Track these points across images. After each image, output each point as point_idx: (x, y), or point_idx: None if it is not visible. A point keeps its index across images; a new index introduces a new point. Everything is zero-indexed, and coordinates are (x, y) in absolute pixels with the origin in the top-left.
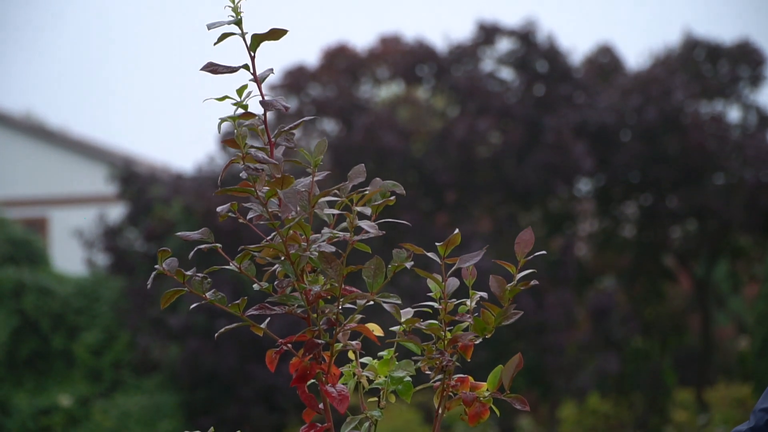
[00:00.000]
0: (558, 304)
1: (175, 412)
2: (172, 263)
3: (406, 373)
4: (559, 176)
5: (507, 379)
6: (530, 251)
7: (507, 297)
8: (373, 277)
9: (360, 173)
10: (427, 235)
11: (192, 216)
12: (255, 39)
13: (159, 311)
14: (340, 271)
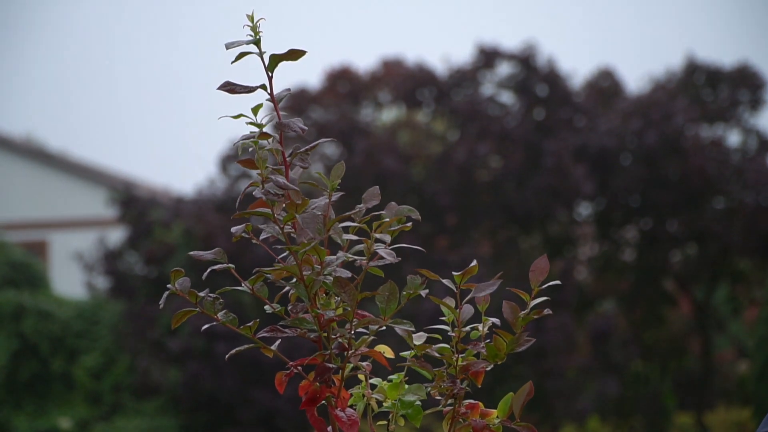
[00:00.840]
0: (558, 328)
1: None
2: (184, 283)
3: (417, 397)
4: (559, 200)
5: (517, 407)
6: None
7: (520, 324)
8: (387, 302)
9: (374, 196)
10: (428, 259)
11: (192, 239)
12: (273, 59)
13: (159, 334)
14: (354, 296)
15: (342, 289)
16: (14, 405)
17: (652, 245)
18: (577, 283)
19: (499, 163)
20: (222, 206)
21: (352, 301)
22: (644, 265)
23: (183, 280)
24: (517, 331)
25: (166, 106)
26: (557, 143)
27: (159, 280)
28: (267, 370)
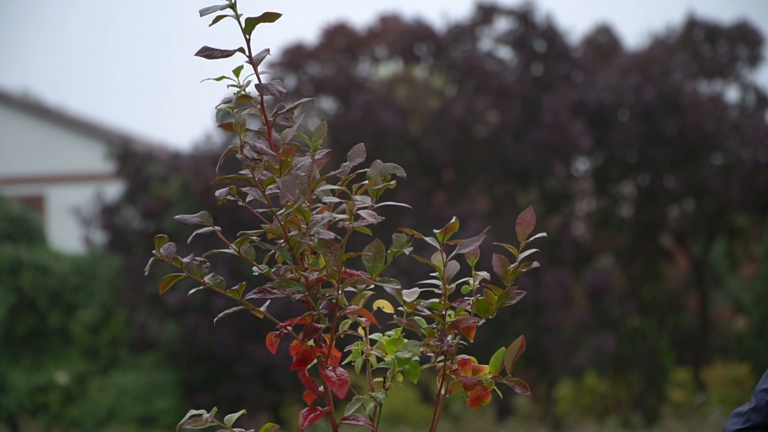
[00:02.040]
0: (555, 284)
1: (172, 390)
2: (169, 248)
3: (412, 354)
4: (557, 155)
5: (509, 362)
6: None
7: (510, 278)
8: (373, 261)
9: (359, 153)
10: (425, 214)
11: (190, 194)
12: (249, 23)
13: (156, 289)
14: (339, 257)
15: (328, 249)
16: (11, 359)
17: (649, 201)
18: (574, 239)
19: (497, 118)
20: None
21: (337, 261)
22: (642, 220)
23: (168, 246)
24: (507, 284)
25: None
26: (555, 99)
27: (156, 235)
28: (264, 325)
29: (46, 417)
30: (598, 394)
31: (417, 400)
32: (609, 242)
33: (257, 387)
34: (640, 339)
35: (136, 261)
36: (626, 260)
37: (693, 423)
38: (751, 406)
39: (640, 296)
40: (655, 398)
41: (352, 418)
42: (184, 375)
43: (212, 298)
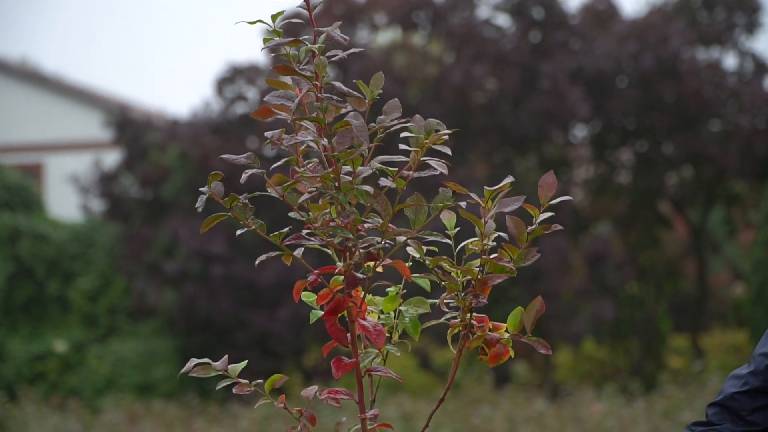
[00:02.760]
0: (553, 250)
1: (170, 357)
2: (218, 187)
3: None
4: (555, 122)
5: (529, 321)
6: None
7: (525, 239)
8: (415, 214)
9: (395, 108)
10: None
11: (188, 162)
12: None
13: (154, 257)
14: (387, 206)
15: (374, 199)
16: (10, 328)
17: (647, 168)
18: (572, 206)
19: (495, 85)
20: (218, 129)
21: (386, 210)
22: (640, 187)
23: (217, 184)
24: (522, 245)
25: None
26: (553, 66)
27: (154, 203)
28: (262, 292)
29: (45, 385)
30: (597, 361)
31: (415, 368)
32: (607, 209)
33: (255, 355)
34: (639, 306)
35: (134, 229)
36: (624, 227)
37: (691, 390)
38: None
39: (639, 263)
40: (654, 365)
41: (378, 370)
42: (183, 343)
43: (211, 265)
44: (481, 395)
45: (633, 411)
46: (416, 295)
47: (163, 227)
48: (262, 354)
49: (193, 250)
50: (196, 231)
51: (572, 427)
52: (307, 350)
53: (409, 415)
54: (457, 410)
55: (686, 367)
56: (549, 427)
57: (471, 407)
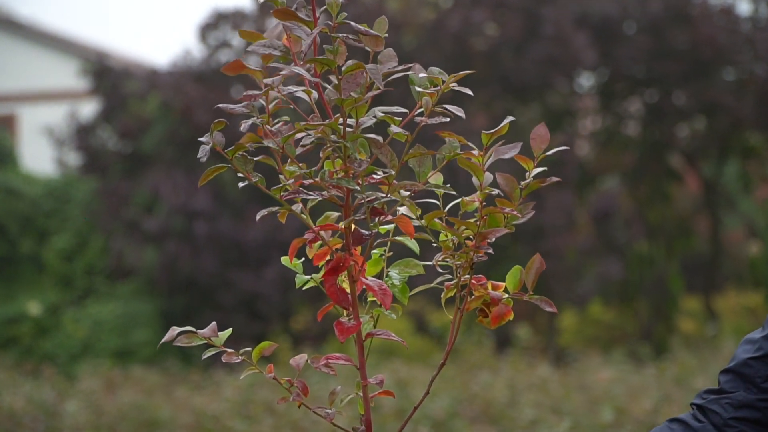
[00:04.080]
0: (557, 207)
1: (151, 320)
2: (220, 138)
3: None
4: (559, 70)
5: (530, 279)
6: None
7: (518, 196)
8: (420, 165)
9: (391, 57)
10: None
11: (169, 112)
12: None
13: (134, 213)
14: (393, 156)
15: (380, 150)
16: None
17: (657, 118)
18: (577, 159)
19: (496, 31)
20: (200, 77)
21: (392, 161)
22: (649, 139)
23: (218, 134)
24: (515, 201)
25: None
26: (557, 10)
27: (134, 156)
28: (249, 251)
29: (17, 350)
30: (604, 325)
31: (410, 332)
32: (615, 163)
33: (241, 317)
34: (648, 265)
35: (112, 184)
36: (633, 182)
37: (704, 355)
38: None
39: (648, 220)
40: (664, 328)
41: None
42: (164, 305)
43: (194, 222)
44: (480, 360)
45: (642, 378)
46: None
47: (143, 182)
48: (249, 316)
49: (175, 206)
50: (178, 186)
51: (577, 394)
52: (295, 312)
53: (404, 382)
54: (455, 376)
55: (699, 331)
56: (553, 394)
57: (470, 373)
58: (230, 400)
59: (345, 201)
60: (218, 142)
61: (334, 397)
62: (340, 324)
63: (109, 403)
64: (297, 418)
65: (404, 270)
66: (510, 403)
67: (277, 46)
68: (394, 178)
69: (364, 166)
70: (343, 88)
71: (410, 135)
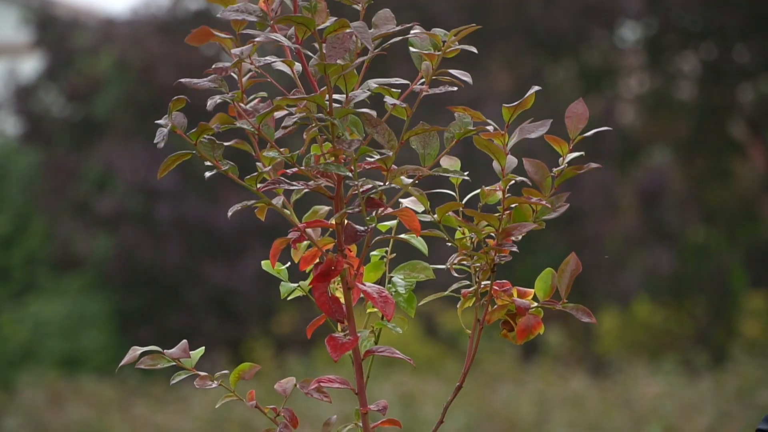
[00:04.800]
0: (596, 186)
1: (104, 321)
2: (180, 118)
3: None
4: (598, 20)
5: (564, 284)
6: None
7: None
8: (424, 146)
9: (388, 20)
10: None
11: (127, 71)
12: None
13: (84, 192)
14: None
15: (374, 127)
16: None
17: (716, 79)
18: (620, 128)
19: None
20: (165, 29)
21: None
22: (706, 104)
23: (178, 115)
24: (546, 192)
25: None
26: None
27: (84, 123)
28: (222, 239)
29: None
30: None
31: (418, 337)
32: (665, 132)
33: (212, 317)
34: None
35: (58, 156)
36: (687, 155)
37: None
38: None
39: (705, 201)
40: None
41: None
42: (120, 303)
43: (155, 203)
44: (503, 371)
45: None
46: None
47: (95, 154)
48: (222, 317)
49: (134, 183)
50: (136, 159)
51: (620, 411)
52: (277, 312)
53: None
54: (473, 390)
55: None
56: (590, 411)
57: (491, 386)
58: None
59: (335, 191)
60: (179, 124)
61: (329, 428)
62: (333, 340)
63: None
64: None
65: (410, 275)
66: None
67: (252, 11)
68: (393, 161)
69: (356, 146)
70: (328, 54)
71: (410, 108)
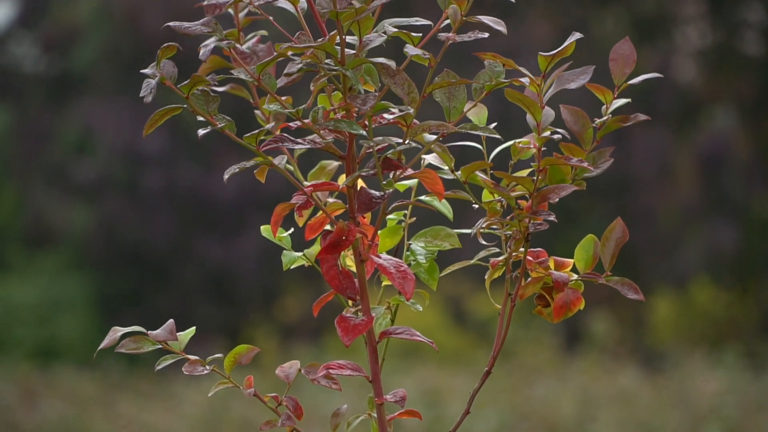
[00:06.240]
0: (648, 151)
1: (82, 305)
2: (169, 68)
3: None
4: None
5: (608, 254)
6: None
7: (590, 137)
8: (450, 99)
9: None
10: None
11: (109, 19)
12: None
13: (60, 156)
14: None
15: (393, 78)
16: None
17: None
18: (677, 86)
19: None
20: None
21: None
22: None
23: (167, 63)
24: (586, 147)
25: None
26: None
27: (61, 79)
28: (218, 211)
29: None
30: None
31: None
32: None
33: (207, 302)
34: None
35: (31, 116)
36: (753, 117)
37: None
38: None
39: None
40: None
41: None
42: (101, 283)
43: (142, 170)
44: (541, 364)
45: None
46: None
47: (73, 114)
48: (217, 300)
49: (117, 147)
50: (120, 119)
51: (674, 411)
52: (282, 295)
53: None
54: (507, 386)
55: None
56: (641, 410)
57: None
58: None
59: (347, 150)
60: (168, 74)
61: (338, 419)
62: (344, 321)
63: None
64: None
65: (432, 242)
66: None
67: None
68: (413, 117)
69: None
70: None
71: (434, 57)
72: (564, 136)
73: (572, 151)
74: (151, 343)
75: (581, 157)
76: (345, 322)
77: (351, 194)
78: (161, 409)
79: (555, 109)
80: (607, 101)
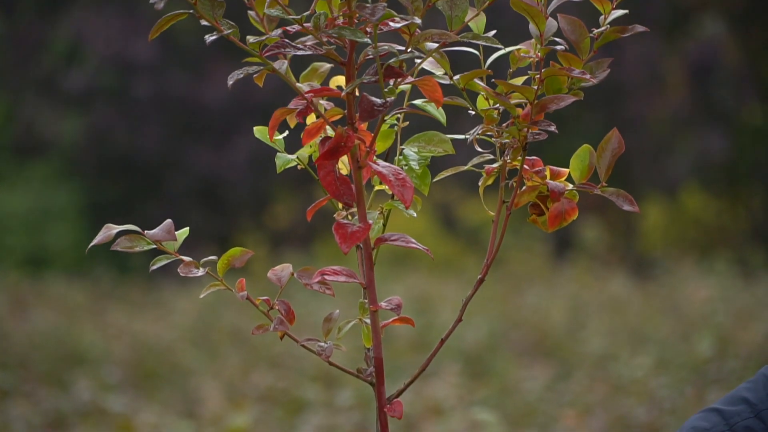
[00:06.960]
0: (638, 58)
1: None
2: None
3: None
4: None
5: (604, 165)
6: None
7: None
8: (451, 7)
9: None
10: None
11: None
12: None
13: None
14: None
15: None
16: None
17: None
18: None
19: None
20: None
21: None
22: None
23: None
24: (583, 57)
25: None
26: None
27: None
28: (209, 118)
29: None
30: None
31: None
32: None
33: (197, 209)
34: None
35: (22, 24)
36: (743, 24)
37: None
38: None
39: (764, 77)
40: None
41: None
42: (92, 194)
43: (132, 78)
44: (532, 272)
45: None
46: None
47: (63, 22)
48: (208, 208)
49: (107, 56)
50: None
51: (665, 318)
52: (272, 202)
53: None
54: (497, 294)
55: None
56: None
57: (518, 289)
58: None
59: (347, 57)
60: None
61: (330, 325)
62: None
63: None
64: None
65: (426, 148)
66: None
67: None
68: (417, 26)
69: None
70: None
71: None
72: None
73: (570, 61)
74: (146, 243)
75: (578, 67)
76: (342, 229)
77: (350, 101)
78: (151, 319)
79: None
80: (606, 11)
